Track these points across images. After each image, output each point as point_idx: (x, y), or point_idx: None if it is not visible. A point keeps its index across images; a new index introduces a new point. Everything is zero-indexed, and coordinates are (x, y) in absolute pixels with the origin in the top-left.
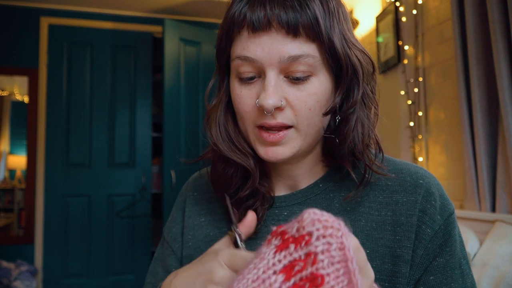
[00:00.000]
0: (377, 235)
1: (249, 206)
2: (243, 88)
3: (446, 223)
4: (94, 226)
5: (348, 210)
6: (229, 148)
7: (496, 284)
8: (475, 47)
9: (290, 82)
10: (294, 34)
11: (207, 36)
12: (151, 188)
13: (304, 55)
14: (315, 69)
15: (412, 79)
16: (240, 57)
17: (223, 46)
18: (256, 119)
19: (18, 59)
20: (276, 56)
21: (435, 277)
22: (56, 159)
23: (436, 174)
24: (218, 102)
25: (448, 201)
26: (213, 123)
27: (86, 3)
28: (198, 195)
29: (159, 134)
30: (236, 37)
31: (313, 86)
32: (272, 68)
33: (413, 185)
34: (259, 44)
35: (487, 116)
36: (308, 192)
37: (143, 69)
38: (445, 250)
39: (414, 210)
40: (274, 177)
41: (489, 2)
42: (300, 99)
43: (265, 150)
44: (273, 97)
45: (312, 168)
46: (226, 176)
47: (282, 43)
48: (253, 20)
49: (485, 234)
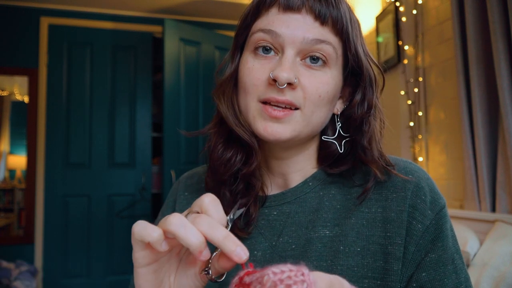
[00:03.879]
0: (367, 233)
1: (242, 205)
2: (256, 62)
3: (437, 218)
4: (94, 226)
5: (338, 208)
6: (235, 123)
7: (496, 284)
8: (475, 47)
9: (306, 65)
10: (322, 22)
11: (207, 36)
12: (151, 188)
13: (327, 41)
14: (331, 61)
15: (412, 79)
16: (264, 30)
17: (247, 22)
18: (263, 93)
19: (18, 59)
20: (300, 35)
21: (427, 274)
22: (56, 159)
23: (436, 174)
24: (229, 76)
25: (439, 195)
26: (222, 97)
27: (86, 3)
28: (188, 195)
29: (159, 134)
30: (263, 14)
31: (326, 76)
32: (292, 47)
33: (402, 180)
34: (285, 21)
35: (487, 116)
36: (298, 191)
37: (143, 69)
38: (437, 246)
39: (404, 205)
40: (265, 175)
41: (489, 2)
42: (312, 83)
43: (265, 126)
44: (289, 71)
45: (303, 167)
46: (224, 160)
47: (309, 26)
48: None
49: (485, 234)
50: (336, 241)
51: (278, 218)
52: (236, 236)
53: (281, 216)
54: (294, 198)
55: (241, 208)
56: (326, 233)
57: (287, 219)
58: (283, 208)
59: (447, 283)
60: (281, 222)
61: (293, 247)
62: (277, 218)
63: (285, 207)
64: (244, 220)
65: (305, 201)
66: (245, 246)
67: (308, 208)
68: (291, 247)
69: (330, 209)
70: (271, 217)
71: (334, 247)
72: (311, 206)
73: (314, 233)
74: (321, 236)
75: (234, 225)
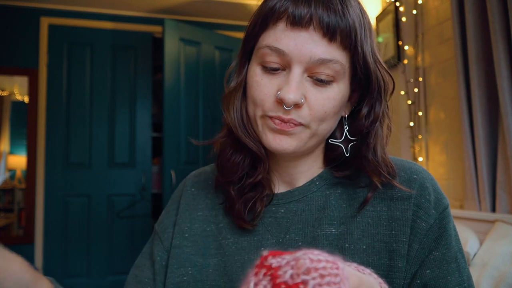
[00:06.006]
0: (373, 231)
1: (249, 199)
2: (265, 77)
3: (441, 217)
4: (94, 226)
5: (344, 207)
6: (244, 134)
7: (496, 284)
8: (475, 47)
9: (313, 82)
10: (330, 38)
11: (207, 36)
12: (151, 188)
13: (334, 60)
14: (339, 76)
15: (412, 79)
16: (270, 47)
17: (255, 32)
18: (269, 109)
19: (18, 59)
20: (307, 54)
21: (431, 271)
22: (56, 159)
23: (436, 174)
24: (237, 86)
25: (442, 195)
26: (231, 107)
27: (86, 3)
28: (195, 191)
29: (159, 134)
30: (271, 27)
31: (333, 91)
32: (299, 65)
33: (407, 180)
34: (293, 39)
35: (487, 116)
36: (305, 190)
37: (143, 69)
38: (440, 244)
39: (409, 204)
40: (272, 173)
41: (489, 2)
42: (318, 100)
43: (273, 137)
44: (295, 92)
45: (310, 168)
46: (233, 163)
47: (317, 44)
48: (295, 14)
49: (485, 234)
50: (342, 239)
51: (285, 215)
52: (242, 228)
53: (288, 214)
54: (301, 197)
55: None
56: (332, 231)
57: (294, 217)
58: (290, 206)
59: (450, 280)
60: (288, 220)
61: (300, 244)
62: (284, 216)
63: (292, 205)
64: (250, 215)
65: (312, 200)
66: (252, 243)
67: (315, 207)
68: (297, 244)
69: (336, 208)
70: (278, 215)
71: (340, 244)
72: (318, 204)
73: (321, 231)
74: (327, 234)
75: (240, 217)
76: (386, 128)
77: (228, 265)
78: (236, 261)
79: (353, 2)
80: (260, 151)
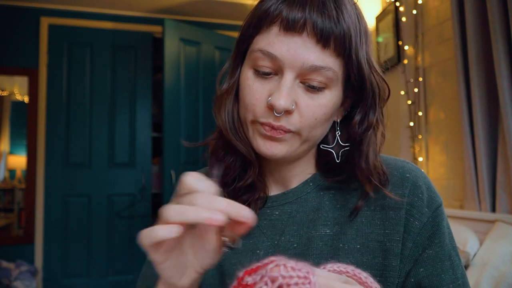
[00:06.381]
0: (367, 230)
1: (243, 202)
2: (256, 81)
3: (434, 215)
4: (94, 226)
5: (338, 208)
6: (235, 137)
7: (496, 284)
8: (475, 47)
9: (305, 88)
10: (324, 45)
11: (207, 36)
12: (151, 188)
13: (327, 67)
14: (332, 83)
15: (412, 79)
16: (262, 51)
17: (248, 34)
18: (260, 114)
19: (18, 59)
20: (300, 61)
21: (425, 269)
22: (56, 159)
23: (436, 174)
24: (229, 89)
25: (435, 193)
26: (222, 110)
27: (86, 3)
28: None
29: (159, 134)
30: (264, 30)
31: (325, 98)
32: (291, 71)
33: (400, 179)
34: (286, 44)
35: (487, 116)
36: (299, 191)
37: (143, 69)
38: (434, 242)
39: (401, 203)
40: (266, 176)
41: (489, 2)
42: (309, 107)
43: (263, 143)
44: (286, 99)
45: (304, 170)
46: (225, 164)
47: (310, 50)
48: (289, 18)
49: (485, 234)
50: (336, 239)
51: (280, 217)
52: None
53: (282, 215)
54: (295, 198)
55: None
56: (327, 231)
57: (288, 219)
58: (284, 208)
59: (444, 278)
60: (283, 222)
61: (295, 246)
62: (279, 218)
63: (286, 207)
64: None
65: (306, 201)
66: (248, 245)
67: (309, 208)
68: (293, 246)
69: (330, 209)
70: (273, 217)
71: (334, 245)
72: (312, 205)
73: (315, 232)
74: (322, 234)
75: None
76: (380, 136)
77: (225, 268)
78: (232, 264)
79: (349, 6)
80: (250, 155)
